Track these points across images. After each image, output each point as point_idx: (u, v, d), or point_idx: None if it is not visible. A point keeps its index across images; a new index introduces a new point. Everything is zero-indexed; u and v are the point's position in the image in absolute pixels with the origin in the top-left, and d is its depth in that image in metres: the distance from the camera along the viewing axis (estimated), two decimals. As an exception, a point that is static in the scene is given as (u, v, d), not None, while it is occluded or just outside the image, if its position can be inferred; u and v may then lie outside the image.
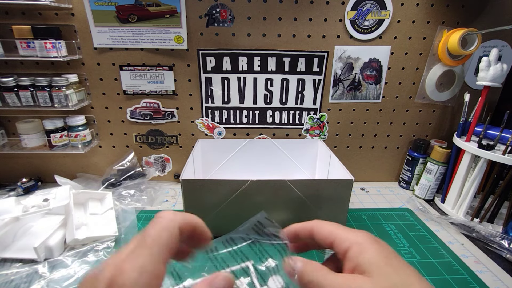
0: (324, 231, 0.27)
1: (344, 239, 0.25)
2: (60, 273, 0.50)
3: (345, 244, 0.25)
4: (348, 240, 0.25)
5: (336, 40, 0.71)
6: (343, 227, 0.27)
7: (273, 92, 0.76)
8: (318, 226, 0.28)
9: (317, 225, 0.28)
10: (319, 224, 0.28)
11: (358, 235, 0.25)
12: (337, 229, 0.26)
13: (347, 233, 0.25)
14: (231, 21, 0.68)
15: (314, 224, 0.29)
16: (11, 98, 0.65)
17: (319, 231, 0.28)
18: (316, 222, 0.29)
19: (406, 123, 0.81)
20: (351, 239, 0.25)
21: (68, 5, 0.64)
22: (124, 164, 0.78)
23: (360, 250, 0.24)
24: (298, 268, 0.25)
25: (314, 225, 0.29)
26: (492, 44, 0.72)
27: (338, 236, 0.26)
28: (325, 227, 0.27)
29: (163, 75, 0.72)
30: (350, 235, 0.25)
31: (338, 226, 0.27)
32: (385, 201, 0.78)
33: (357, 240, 0.24)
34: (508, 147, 0.60)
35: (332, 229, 0.27)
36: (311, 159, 0.82)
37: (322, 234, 0.27)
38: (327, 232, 0.27)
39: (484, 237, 0.62)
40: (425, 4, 0.69)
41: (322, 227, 0.28)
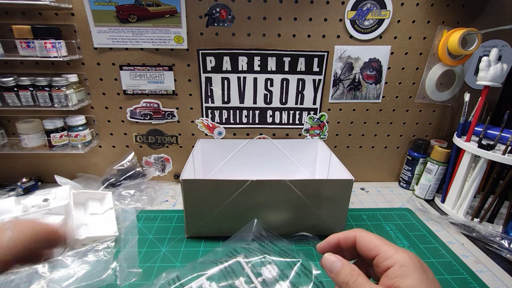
0: (370, 243, 0.28)
1: (389, 256, 0.26)
2: (60, 273, 0.50)
3: (389, 262, 0.25)
4: (393, 259, 0.25)
5: (336, 40, 0.71)
6: (388, 242, 0.27)
7: (273, 92, 0.76)
8: (363, 237, 0.29)
9: (361, 235, 0.29)
10: (363, 235, 0.29)
11: (404, 256, 0.25)
12: (383, 244, 0.27)
13: (394, 252, 0.26)
14: (231, 21, 0.68)
15: (357, 234, 0.29)
16: (11, 98, 0.65)
17: (363, 242, 0.28)
18: (359, 232, 0.29)
19: (406, 123, 0.81)
20: (396, 259, 0.25)
21: (68, 5, 0.64)
22: (124, 164, 0.78)
23: (403, 273, 0.24)
24: (337, 266, 0.27)
25: (358, 235, 0.29)
26: (492, 44, 0.72)
27: (383, 252, 0.26)
28: (371, 239, 0.28)
29: (163, 75, 0.72)
30: (397, 255, 0.26)
31: (384, 240, 0.28)
32: (385, 201, 0.78)
33: (402, 261, 0.25)
34: (508, 147, 0.60)
35: (378, 243, 0.27)
36: (311, 159, 0.82)
37: (367, 246, 0.28)
38: (373, 245, 0.27)
39: (484, 237, 0.62)
40: (425, 4, 0.69)
41: (367, 238, 0.28)
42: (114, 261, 0.53)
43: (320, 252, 0.31)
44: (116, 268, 0.51)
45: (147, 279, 0.50)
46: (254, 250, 0.52)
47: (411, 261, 0.25)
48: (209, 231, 0.60)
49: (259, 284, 0.46)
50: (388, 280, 0.25)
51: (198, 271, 0.49)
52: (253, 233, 0.56)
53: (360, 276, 0.26)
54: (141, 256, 0.55)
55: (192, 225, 0.59)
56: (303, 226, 0.60)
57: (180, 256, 0.55)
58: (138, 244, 0.58)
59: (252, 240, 0.55)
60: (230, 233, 0.60)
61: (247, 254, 0.51)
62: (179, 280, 0.47)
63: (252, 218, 0.59)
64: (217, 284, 0.46)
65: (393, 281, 0.24)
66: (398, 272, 0.25)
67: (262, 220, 0.59)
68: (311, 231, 0.61)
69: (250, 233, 0.56)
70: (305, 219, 0.60)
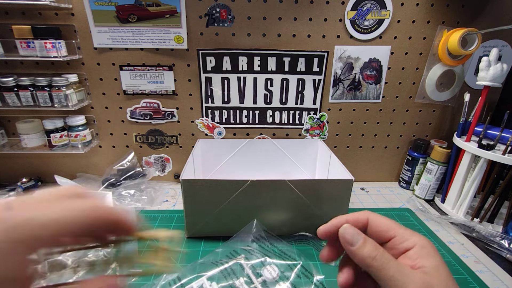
0: (384, 225, 0.27)
1: (407, 238, 0.26)
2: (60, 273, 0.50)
3: (408, 243, 0.25)
4: (412, 241, 0.25)
5: (336, 40, 0.71)
6: (400, 225, 0.27)
7: (273, 92, 0.76)
8: (377, 219, 0.28)
9: (375, 218, 0.28)
10: (376, 217, 0.28)
11: (421, 239, 0.26)
12: (399, 227, 0.27)
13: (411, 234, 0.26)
14: (231, 21, 0.68)
15: (370, 216, 0.28)
16: (11, 98, 0.65)
17: (378, 224, 0.27)
18: (371, 214, 0.28)
19: (406, 123, 0.81)
20: (416, 241, 0.25)
21: (68, 5, 0.64)
22: (124, 164, 0.78)
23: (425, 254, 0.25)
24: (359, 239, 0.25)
25: (371, 217, 0.28)
26: (492, 44, 0.72)
27: (400, 234, 0.26)
28: (385, 222, 0.27)
29: (163, 75, 0.72)
30: (415, 237, 0.26)
31: (398, 224, 0.27)
32: (385, 201, 0.78)
33: (422, 243, 0.25)
34: (508, 147, 0.60)
35: (393, 226, 0.27)
36: (311, 159, 0.82)
37: (382, 228, 0.27)
38: (387, 227, 0.27)
39: (484, 237, 0.62)
40: (425, 4, 0.69)
41: (381, 220, 0.28)
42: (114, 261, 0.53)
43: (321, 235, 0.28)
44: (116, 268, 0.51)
45: (147, 279, 0.50)
46: (254, 251, 0.53)
47: (430, 244, 0.25)
48: (209, 231, 0.60)
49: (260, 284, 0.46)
50: (409, 261, 0.25)
51: (199, 271, 0.49)
52: (253, 234, 0.56)
53: (385, 252, 0.25)
54: (141, 256, 0.55)
55: (192, 225, 0.59)
56: (303, 226, 0.60)
57: (180, 256, 0.55)
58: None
59: (252, 241, 0.55)
60: (230, 233, 0.60)
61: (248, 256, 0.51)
62: (179, 281, 0.48)
63: (252, 218, 0.59)
64: (218, 284, 0.47)
65: (416, 261, 0.24)
66: (420, 253, 0.25)
67: (262, 220, 0.59)
68: (311, 231, 0.61)
69: (250, 234, 0.56)
70: (305, 219, 0.60)
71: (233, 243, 0.55)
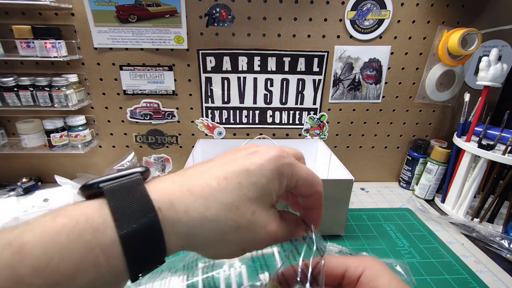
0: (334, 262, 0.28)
1: (356, 265, 0.26)
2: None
3: (359, 270, 0.26)
4: (361, 266, 0.26)
5: (336, 40, 0.71)
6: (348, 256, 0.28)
7: (273, 92, 0.76)
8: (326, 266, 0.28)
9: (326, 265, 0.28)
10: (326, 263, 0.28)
11: (368, 260, 0.26)
12: (346, 258, 0.27)
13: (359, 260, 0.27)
14: (231, 21, 0.68)
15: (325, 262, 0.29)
16: (11, 98, 0.65)
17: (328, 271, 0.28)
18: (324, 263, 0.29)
19: (406, 123, 0.81)
20: (364, 265, 0.26)
21: (68, 5, 0.64)
22: (124, 164, 0.78)
23: (375, 273, 0.25)
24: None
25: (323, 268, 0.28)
26: (492, 44, 0.72)
27: (350, 264, 0.27)
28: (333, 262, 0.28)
29: (163, 75, 0.72)
30: (362, 262, 0.26)
31: (345, 256, 0.28)
32: (385, 201, 0.78)
33: (370, 265, 0.26)
34: (508, 147, 0.60)
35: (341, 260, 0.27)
36: (311, 159, 0.82)
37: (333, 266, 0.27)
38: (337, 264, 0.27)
39: (484, 237, 0.62)
40: (425, 4, 0.69)
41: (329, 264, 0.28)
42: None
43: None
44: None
45: (147, 279, 0.50)
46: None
47: (377, 263, 0.26)
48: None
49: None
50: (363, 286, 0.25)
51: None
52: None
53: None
54: (141, 256, 0.55)
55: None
56: (303, 226, 0.60)
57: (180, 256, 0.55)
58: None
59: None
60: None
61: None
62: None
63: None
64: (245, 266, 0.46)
65: (369, 285, 0.25)
66: (370, 276, 0.25)
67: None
68: (311, 231, 0.60)
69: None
70: (305, 219, 0.59)
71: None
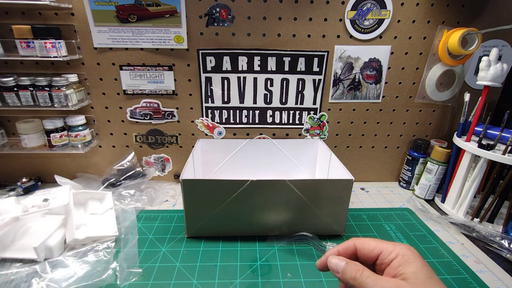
0: (370, 245, 0.30)
1: (391, 250, 0.29)
2: (60, 273, 0.50)
3: (392, 255, 0.28)
4: (395, 252, 0.28)
5: (336, 40, 0.71)
6: (384, 241, 0.30)
7: (273, 92, 0.76)
8: (362, 243, 0.31)
9: (360, 242, 0.31)
10: (362, 240, 0.31)
11: (403, 248, 0.28)
12: (382, 242, 0.30)
13: (394, 246, 0.29)
14: (231, 20, 0.68)
15: (355, 242, 0.32)
16: (11, 98, 0.65)
17: (364, 247, 0.31)
18: (357, 240, 0.32)
19: (406, 123, 0.81)
20: (397, 251, 0.28)
21: (68, 5, 0.64)
22: (124, 164, 0.78)
23: (405, 261, 0.27)
24: (341, 266, 0.29)
25: (356, 242, 0.32)
26: (492, 44, 0.72)
27: (385, 249, 0.29)
28: (370, 242, 0.31)
29: (163, 75, 0.72)
30: (397, 248, 0.29)
31: (381, 240, 0.30)
32: (385, 201, 0.78)
33: (403, 252, 0.28)
34: (508, 147, 0.60)
35: (377, 243, 0.30)
36: (311, 159, 0.82)
37: (368, 248, 0.30)
38: (373, 246, 0.30)
39: (484, 237, 0.62)
40: (425, 4, 0.69)
41: (366, 242, 0.31)
42: (114, 261, 0.53)
43: (319, 268, 0.32)
44: (116, 268, 0.51)
45: (147, 279, 0.50)
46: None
47: (410, 251, 0.28)
48: (209, 231, 0.60)
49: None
50: (392, 270, 0.27)
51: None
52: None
53: (365, 270, 0.28)
54: (141, 256, 0.55)
55: (192, 225, 0.59)
56: (303, 226, 0.60)
57: (180, 256, 0.55)
58: (138, 244, 0.58)
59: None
60: (230, 233, 0.60)
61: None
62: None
63: (252, 218, 0.59)
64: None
65: (397, 270, 0.27)
66: (401, 261, 0.27)
67: (262, 220, 0.59)
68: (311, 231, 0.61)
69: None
70: (305, 219, 0.60)
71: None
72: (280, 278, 0.51)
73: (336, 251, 0.32)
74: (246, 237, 0.60)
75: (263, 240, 0.60)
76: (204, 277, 0.51)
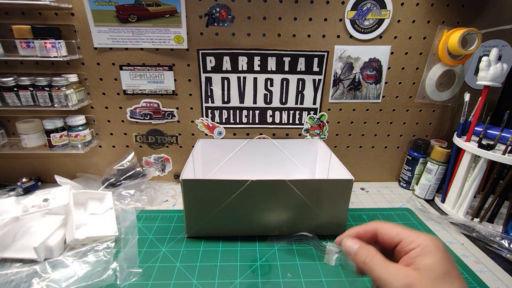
0: (392, 231, 0.30)
1: (413, 240, 0.28)
2: (60, 273, 0.50)
3: (413, 244, 0.27)
4: (417, 242, 0.27)
5: (336, 40, 0.71)
6: (408, 228, 0.29)
7: (273, 92, 0.76)
8: (384, 227, 0.31)
9: (382, 226, 0.31)
10: (383, 225, 0.31)
11: (426, 238, 0.27)
12: (405, 230, 0.29)
13: (417, 235, 0.28)
14: (231, 20, 0.68)
15: (377, 225, 0.31)
16: (11, 98, 0.65)
17: (385, 232, 0.30)
18: (379, 223, 0.31)
19: (406, 123, 0.81)
20: (420, 241, 0.27)
21: (68, 5, 0.64)
22: (124, 164, 0.78)
23: (424, 252, 0.26)
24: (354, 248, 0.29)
25: (379, 226, 0.31)
26: (492, 44, 0.72)
27: (407, 237, 0.28)
28: (392, 227, 0.30)
29: (163, 75, 0.72)
30: (420, 237, 0.28)
31: (404, 227, 0.30)
32: (385, 201, 0.78)
33: (426, 243, 0.27)
34: (508, 147, 0.60)
35: (400, 230, 0.29)
36: (311, 159, 0.82)
37: (390, 234, 0.30)
38: (395, 233, 0.29)
39: (484, 237, 0.62)
40: (425, 4, 0.69)
41: (388, 226, 0.30)
42: (114, 261, 0.53)
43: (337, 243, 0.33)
44: (116, 268, 0.51)
45: (147, 279, 0.50)
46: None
47: (433, 242, 0.27)
48: (209, 231, 0.60)
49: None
50: (409, 259, 0.26)
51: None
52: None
53: (376, 255, 0.28)
54: (141, 256, 0.55)
55: (192, 225, 0.59)
56: (303, 226, 0.60)
57: (180, 256, 0.55)
58: (138, 244, 0.58)
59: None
60: (230, 233, 0.60)
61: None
62: None
63: (252, 218, 0.59)
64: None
65: (414, 259, 0.26)
66: (421, 252, 0.26)
67: (262, 220, 0.59)
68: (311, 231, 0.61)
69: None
70: (305, 219, 0.60)
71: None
72: (280, 278, 0.51)
73: (356, 232, 0.32)
74: (246, 237, 0.60)
75: (263, 240, 0.60)
76: (204, 277, 0.51)
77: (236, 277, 0.51)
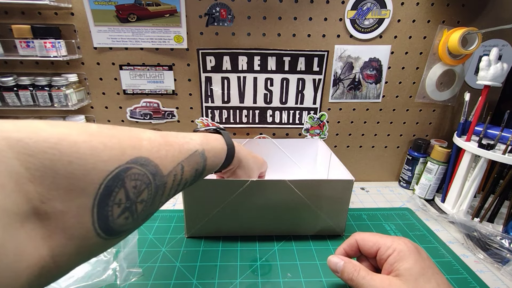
0: (369, 241, 0.31)
1: (389, 246, 0.29)
2: (60, 273, 0.50)
3: (389, 250, 0.29)
4: (392, 247, 0.29)
5: (336, 40, 0.71)
6: (383, 235, 0.31)
7: (273, 92, 0.76)
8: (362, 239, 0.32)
9: (360, 237, 0.32)
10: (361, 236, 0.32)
11: (400, 243, 0.29)
12: (380, 237, 0.30)
13: (391, 241, 0.29)
14: (231, 20, 0.68)
15: (356, 237, 0.32)
16: (11, 98, 0.65)
17: (363, 243, 0.31)
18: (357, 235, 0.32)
19: (406, 122, 0.81)
20: (394, 246, 0.29)
21: (67, 4, 0.64)
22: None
23: (400, 257, 0.27)
24: (340, 266, 0.30)
25: (357, 238, 0.32)
26: (493, 43, 0.72)
27: (383, 244, 0.29)
28: (369, 238, 0.31)
29: (163, 75, 0.72)
30: (394, 243, 0.29)
31: (380, 235, 0.31)
32: (385, 200, 0.78)
33: (399, 248, 0.28)
34: (508, 147, 0.60)
35: (375, 239, 0.30)
36: (311, 159, 0.82)
37: (367, 244, 0.31)
38: (372, 243, 0.30)
39: (484, 237, 0.62)
40: (425, 3, 0.68)
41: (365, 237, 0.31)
42: (114, 261, 0.53)
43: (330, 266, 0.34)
44: (116, 268, 0.51)
45: (147, 279, 0.50)
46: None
47: (406, 246, 0.28)
48: (209, 231, 0.60)
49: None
50: (388, 266, 0.28)
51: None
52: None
53: (361, 270, 0.28)
54: (141, 256, 0.55)
55: (192, 225, 0.59)
56: (303, 226, 0.60)
57: (180, 256, 0.55)
58: (138, 244, 0.58)
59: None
60: (230, 233, 0.60)
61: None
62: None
63: (252, 218, 0.59)
64: None
65: (393, 266, 0.27)
66: (396, 257, 0.28)
67: (262, 220, 0.59)
68: (311, 231, 0.61)
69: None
70: (305, 219, 0.59)
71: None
72: (280, 278, 0.51)
73: (342, 250, 0.32)
74: (246, 237, 0.60)
75: (263, 240, 0.60)
76: (204, 277, 0.51)
77: (236, 277, 0.51)
